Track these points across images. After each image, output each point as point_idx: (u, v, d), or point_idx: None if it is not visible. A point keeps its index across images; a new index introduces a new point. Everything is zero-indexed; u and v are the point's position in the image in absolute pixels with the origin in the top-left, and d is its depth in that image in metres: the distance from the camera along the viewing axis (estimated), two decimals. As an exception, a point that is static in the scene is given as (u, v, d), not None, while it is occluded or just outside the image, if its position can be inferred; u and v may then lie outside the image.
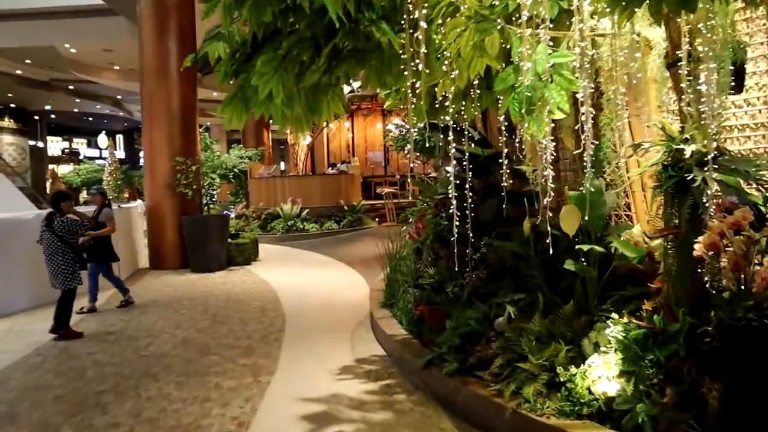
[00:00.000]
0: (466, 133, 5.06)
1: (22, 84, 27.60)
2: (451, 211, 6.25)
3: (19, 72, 26.01)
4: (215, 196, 15.47)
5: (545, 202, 3.51)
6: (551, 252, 3.60)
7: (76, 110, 35.82)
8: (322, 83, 3.44)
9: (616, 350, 3.46)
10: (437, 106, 4.94)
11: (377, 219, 19.04)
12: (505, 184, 4.47)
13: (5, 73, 25.68)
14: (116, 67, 25.49)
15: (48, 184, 27.92)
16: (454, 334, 4.57)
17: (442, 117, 5.17)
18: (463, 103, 4.80)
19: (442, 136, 6.00)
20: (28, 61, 24.23)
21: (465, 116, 5.18)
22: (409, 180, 6.60)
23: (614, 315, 3.63)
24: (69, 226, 6.69)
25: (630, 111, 4.43)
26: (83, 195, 29.70)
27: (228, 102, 3.46)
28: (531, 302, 4.46)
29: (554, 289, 4.45)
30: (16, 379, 5.35)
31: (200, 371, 5.32)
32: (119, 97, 32.63)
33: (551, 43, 3.53)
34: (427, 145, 11.26)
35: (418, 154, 12.48)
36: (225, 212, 19.44)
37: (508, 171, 4.56)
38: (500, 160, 5.77)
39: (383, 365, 5.32)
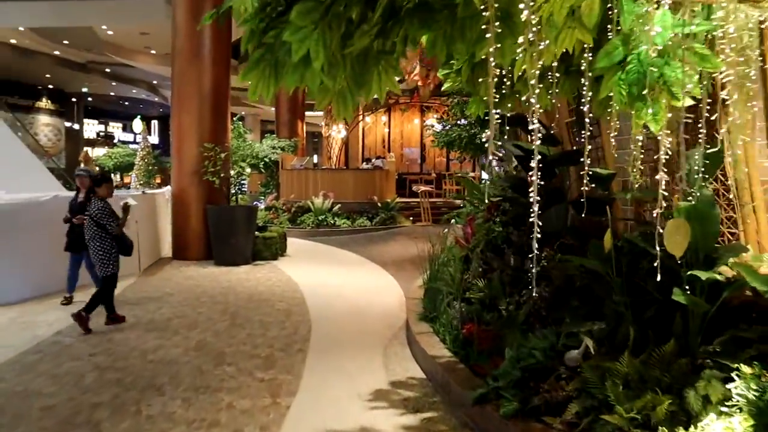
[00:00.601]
0: (537, 127, 4.28)
1: (59, 65, 27.42)
2: (507, 216, 5.50)
3: (57, 53, 25.80)
4: (245, 185, 14.89)
5: (655, 214, 2.72)
6: (658, 277, 2.80)
7: (112, 94, 35.72)
8: (373, 49, 2.70)
9: (742, 411, 2.65)
10: (504, 91, 4.20)
11: (411, 218, 18.28)
12: (585, 188, 3.67)
13: (43, 53, 25.49)
14: (152, 51, 25.10)
15: (81, 166, 27.66)
16: (515, 365, 3.78)
17: (508, 105, 4.42)
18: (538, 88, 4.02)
19: (506, 128, 5.25)
20: (65, 41, 23.98)
21: (536, 106, 4.40)
22: (455, 178, 5.77)
23: (738, 365, 2.82)
24: (103, 210, 6.19)
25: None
26: (117, 178, 29.58)
27: (254, 65, 2.72)
28: (609, 333, 3.67)
29: (639, 320, 3.65)
30: (5, 381, 4.72)
31: (212, 385, 4.62)
32: (155, 82, 32.37)
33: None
34: (478, 141, 10.54)
35: (460, 151, 11.72)
36: (254, 203, 18.92)
37: (582, 173, 3.78)
38: (569, 161, 4.99)
39: (423, 392, 4.56)
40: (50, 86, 32.19)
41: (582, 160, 3.65)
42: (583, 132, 4.84)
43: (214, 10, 3.12)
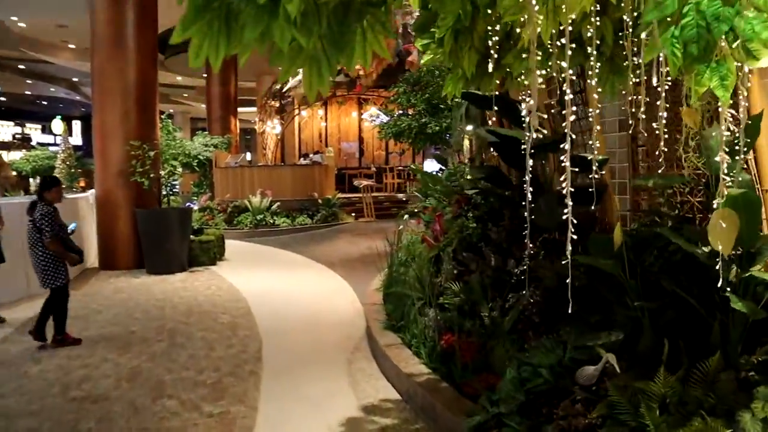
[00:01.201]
0: (533, 104, 3.70)
1: (-35, 61, 25.45)
2: (480, 211, 4.95)
3: (-39, 48, 23.88)
4: (177, 186, 13.92)
5: (715, 204, 2.17)
6: (719, 284, 2.26)
7: (28, 93, 33.61)
8: (356, 1, 2.06)
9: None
10: (488, 65, 3.61)
11: (354, 214, 17.64)
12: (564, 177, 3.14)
13: (-54, 48, 23.54)
14: (71, 46, 23.55)
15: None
16: (518, 387, 3.20)
17: (495, 82, 3.82)
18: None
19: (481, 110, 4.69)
20: (-29, 35, 22.15)
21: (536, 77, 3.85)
22: (414, 170, 5.20)
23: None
24: (46, 216, 5.45)
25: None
26: (33, 184, 27.66)
27: (196, 15, 2.01)
28: (626, 344, 3.14)
29: (656, 327, 3.14)
30: None
31: (150, 427, 3.86)
32: (75, 79, 30.58)
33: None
34: (429, 131, 9.97)
35: (409, 143, 11.14)
36: (187, 205, 17.87)
37: (564, 161, 3.26)
38: (554, 146, 4.46)
39: (402, 417, 3.93)
40: (-43, 85, 29.95)
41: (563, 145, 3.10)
42: (564, 113, 4.28)
43: None
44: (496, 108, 4.55)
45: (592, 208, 4.64)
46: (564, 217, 3.08)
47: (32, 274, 5.78)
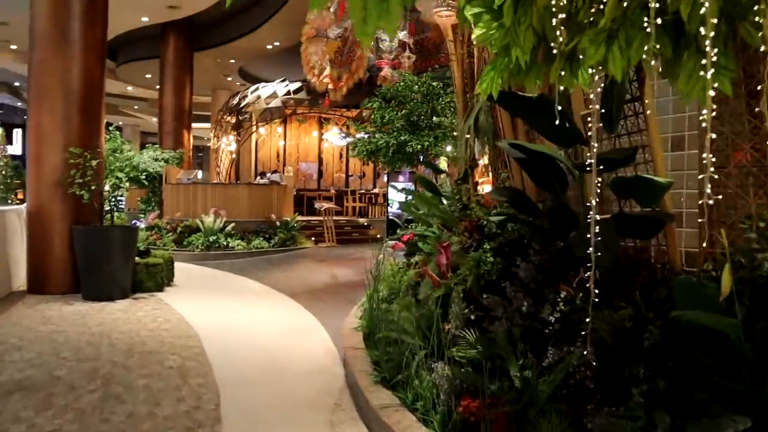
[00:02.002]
0: (596, 110, 2.82)
1: None
2: (497, 242, 4.06)
3: None
4: (122, 202, 12.65)
5: None
6: None
7: (-37, 98, 31.49)
8: None
9: None
10: (550, 53, 2.74)
11: (313, 238, 16.59)
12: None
13: None
14: (13, 47, 21.94)
15: None
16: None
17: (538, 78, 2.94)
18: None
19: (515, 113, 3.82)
20: None
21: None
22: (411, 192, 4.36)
23: None
24: None
25: None
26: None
27: None
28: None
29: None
30: None
31: None
32: (17, 84, 28.73)
33: None
34: (409, 149, 9.11)
35: (384, 163, 10.25)
36: (133, 222, 16.52)
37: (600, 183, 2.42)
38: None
39: None
40: None
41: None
42: (612, 126, 3.50)
43: None
44: (521, 113, 3.71)
45: (639, 242, 3.81)
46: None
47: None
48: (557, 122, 2.97)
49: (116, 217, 10.16)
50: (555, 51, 2.56)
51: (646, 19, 2.28)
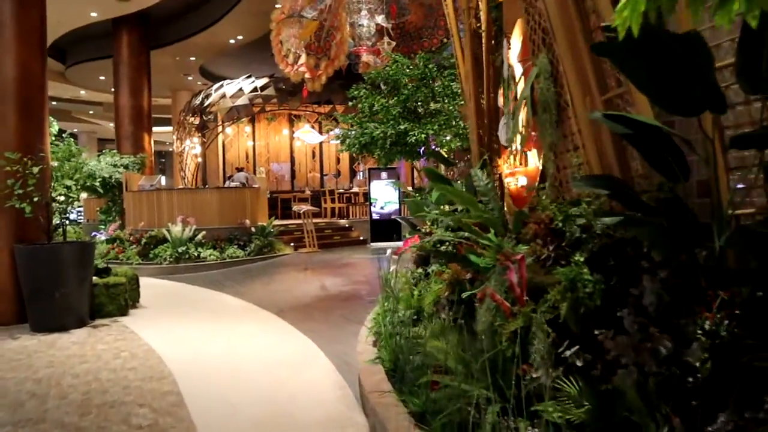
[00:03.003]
0: None
1: None
2: (586, 251, 2.92)
3: None
4: (80, 213, 11.22)
5: None
6: None
7: None
8: None
9: None
10: None
11: (293, 244, 15.32)
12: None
13: None
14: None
15: None
16: None
17: None
18: None
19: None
20: None
21: None
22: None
23: None
24: None
25: None
26: None
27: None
28: None
29: None
30: None
31: None
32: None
33: None
34: (411, 140, 7.89)
35: (379, 156, 8.99)
36: (93, 235, 15.07)
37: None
38: None
39: None
40: None
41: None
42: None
43: None
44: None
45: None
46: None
47: None
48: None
49: (70, 231, 8.79)
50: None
51: None
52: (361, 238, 16.79)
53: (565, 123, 3.65)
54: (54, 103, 28.94)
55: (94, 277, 8.04)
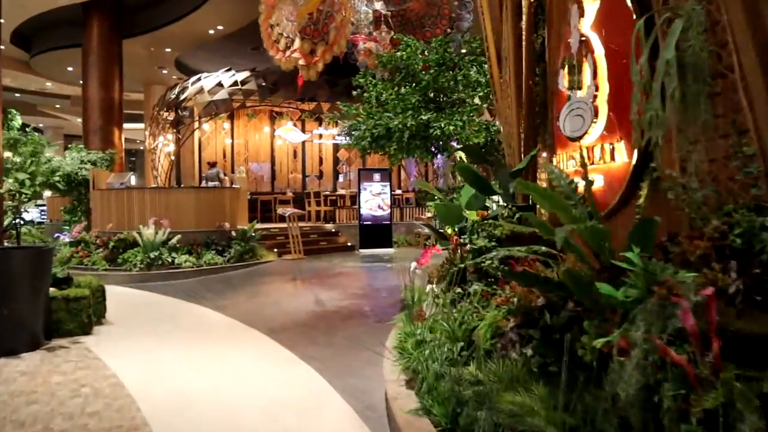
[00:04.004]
0: None
1: None
2: None
3: None
4: (42, 213, 9.94)
5: None
6: None
7: None
8: None
9: None
10: None
11: (276, 250, 14.09)
12: None
13: None
14: None
15: None
16: None
17: None
18: None
19: None
20: None
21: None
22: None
23: None
24: None
25: None
26: None
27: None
28: None
29: None
30: None
31: None
32: None
33: None
34: (436, 131, 6.72)
35: (392, 153, 7.75)
36: (56, 236, 13.74)
37: None
38: None
39: None
40: None
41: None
42: None
43: None
44: None
45: None
46: None
47: None
48: None
49: (26, 233, 7.54)
50: None
51: None
52: (349, 243, 15.65)
53: (722, 97, 2.58)
54: (17, 95, 27.30)
55: (52, 289, 6.80)
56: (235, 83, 18.34)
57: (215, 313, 7.97)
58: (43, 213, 20.76)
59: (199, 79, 18.99)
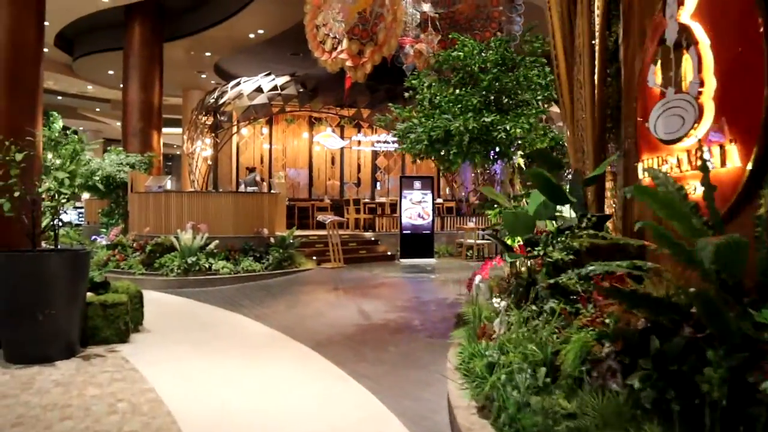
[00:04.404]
0: None
1: None
2: None
3: None
4: (80, 215, 9.74)
5: None
6: None
7: None
8: None
9: None
10: None
11: (315, 257, 13.74)
12: None
13: None
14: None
15: None
16: None
17: None
18: None
19: None
20: None
21: None
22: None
23: None
24: None
25: None
26: None
27: None
28: None
29: None
30: None
31: None
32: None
33: None
34: (500, 134, 6.23)
35: (451, 158, 7.29)
36: (93, 239, 13.62)
37: None
38: None
39: None
40: None
41: None
42: None
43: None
44: None
45: None
46: None
47: None
48: None
49: (63, 234, 7.30)
50: None
51: None
52: (389, 253, 15.22)
53: None
54: (59, 97, 27.55)
55: (89, 294, 6.51)
56: (275, 88, 18.13)
57: (255, 323, 7.61)
58: (81, 215, 20.79)
59: (238, 84, 18.83)
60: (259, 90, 18.08)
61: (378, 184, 21.89)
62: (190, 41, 19.25)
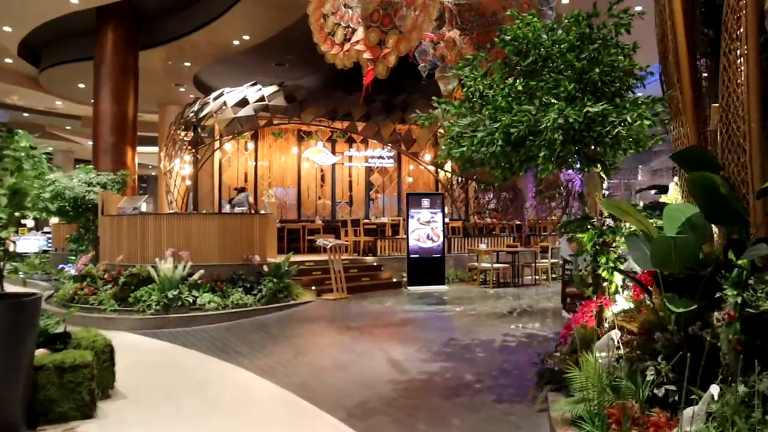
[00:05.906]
0: None
1: None
2: None
3: None
4: (49, 240, 8.00)
5: None
6: None
7: None
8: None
9: None
10: None
11: (313, 287, 12.04)
12: None
13: None
14: None
15: None
16: None
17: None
18: None
19: None
20: None
21: None
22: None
23: None
24: None
25: None
26: None
27: None
28: None
29: None
30: None
31: None
32: None
33: None
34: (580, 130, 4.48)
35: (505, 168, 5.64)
36: (61, 268, 11.99)
37: None
38: None
39: None
40: None
41: None
42: None
43: None
44: None
45: None
46: None
47: None
48: None
49: (10, 271, 5.63)
50: None
51: None
52: (394, 280, 13.57)
53: None
54: (25, 114, 25.63)
55: (40, 352, 4.83)
56: (262, 98, 16.51)
57: (261, 381, 5.92)
58: (49, 241, 18.90)
59: (221, 95, 17.17)
60: (244, 101, 16.44)
61: (372, 203, 20.31)
62: (168, 49, 17.59)
